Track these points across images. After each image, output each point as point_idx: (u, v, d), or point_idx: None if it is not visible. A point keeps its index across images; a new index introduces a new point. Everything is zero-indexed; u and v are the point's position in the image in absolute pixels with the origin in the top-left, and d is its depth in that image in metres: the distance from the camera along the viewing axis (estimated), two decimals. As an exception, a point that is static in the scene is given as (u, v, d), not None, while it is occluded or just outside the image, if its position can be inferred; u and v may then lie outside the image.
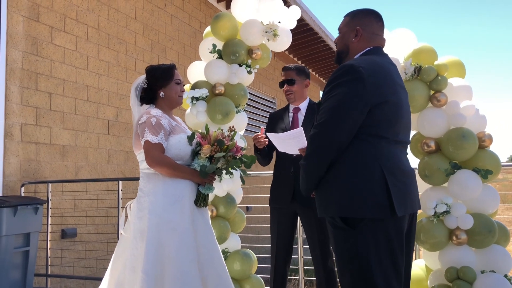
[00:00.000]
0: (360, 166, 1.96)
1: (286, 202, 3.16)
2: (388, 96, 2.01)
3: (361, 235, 1.93)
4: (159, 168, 2.49)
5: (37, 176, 4.77)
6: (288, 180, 3.15)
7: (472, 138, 2.94)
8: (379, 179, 1.93)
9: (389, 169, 1.96)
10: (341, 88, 1.98)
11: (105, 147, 5.69)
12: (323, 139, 1.99)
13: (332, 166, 2.00)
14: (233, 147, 2.53)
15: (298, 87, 3.32)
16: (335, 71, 2.05)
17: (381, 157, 1.97)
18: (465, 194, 2.94)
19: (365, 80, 1.95)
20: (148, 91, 2.69)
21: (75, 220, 5.18)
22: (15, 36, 4.65)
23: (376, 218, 1.91)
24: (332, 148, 1.97)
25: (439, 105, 3.06)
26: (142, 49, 6.47)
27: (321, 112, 2.02)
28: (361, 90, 1.95)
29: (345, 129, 1.96)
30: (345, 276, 1.99)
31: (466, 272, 2.82)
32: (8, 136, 4.53)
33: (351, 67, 2.00)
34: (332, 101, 1.99)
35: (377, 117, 1.98)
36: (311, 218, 3.11)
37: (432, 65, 3.07)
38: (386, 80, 2.04)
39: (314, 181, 2.07)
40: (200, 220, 2.54)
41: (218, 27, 3.56)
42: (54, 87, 5.05)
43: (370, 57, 2.11)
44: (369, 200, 1.92)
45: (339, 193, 1.97)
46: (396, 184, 1.95)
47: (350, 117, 1.95)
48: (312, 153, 2.04)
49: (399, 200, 1.93)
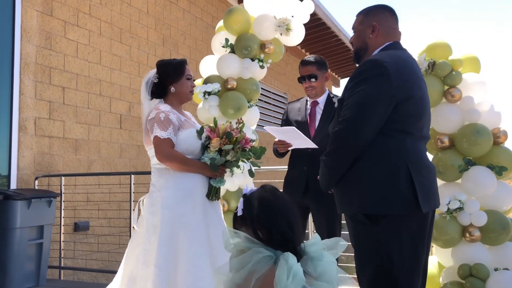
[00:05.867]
0: (385, 163, 1.93)
1: (298, 196, 3.14)
2: (413, 91, 1.99)
3: (383, 231, 1.91)
4: (169, 163, 2.49)
5: (51, 170, 4.82)
6: (301, 175, 3.13)
7: (487, 134, 2.90)
8: (404, 175, 1.91)
9: (414, 165, 1.94)
10: (366, 83, 1.95)
11: (117, 141, 5.73)
12: (348, 136, 1.95)
13: (356, 162, 1.97)
14: (241, 139, 2.53)
15: (320, 82, 3.20)
16: (359, 66, 2.03)
17: (406, 153, 1.95)
18: (479, 190, 2.90)
19: (390, 75, 1.93)
20: (159, 86, 2.69)
21: (87, 213, 5.23)
22: (29, 31, 4.69)
23: (401, 214, 1.90)
24: (357, 144, 1.94)
25: (453, 100, 3.02)
26: (154, 43, 6.48)
27: (345, 108, 1.98)
28: (387, 85, 1.93)
29: (371, 125, 1.93)
30: (366, 271, 1.97)
31: (479, 269, 2.79)
32: (22, 130, 4.58)
33: (376, 62, 1.97)
34: (357, 97, 1.95)
35: (403, 112, 1.95)
36: (321, 212, 3.10)
37: (446, 60, 3.04)
38: (410, 75, 2.02)
39: (335, 177, 2.03)
40: (212, 213, 2.55)
41: (230, 21, 3.55)
42: (67, 81, 5.08)
43: (392, 52, 2.08)
44: (394, 197, 1.90)
45: (363, 190, 1.95)
46: (420, 180, 1.93)
47: (376, 113, 1.92)
48: (336, 149, 2.01)
49: (424, 196, 1.92)
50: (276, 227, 1.53)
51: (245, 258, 1.49)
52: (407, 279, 1.90)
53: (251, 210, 1.59)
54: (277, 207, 1.58)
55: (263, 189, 1.65)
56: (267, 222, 1.55)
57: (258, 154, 2.59)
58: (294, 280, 1.41)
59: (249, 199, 1.62)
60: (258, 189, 1.66)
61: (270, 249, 1.50)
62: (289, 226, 1.55)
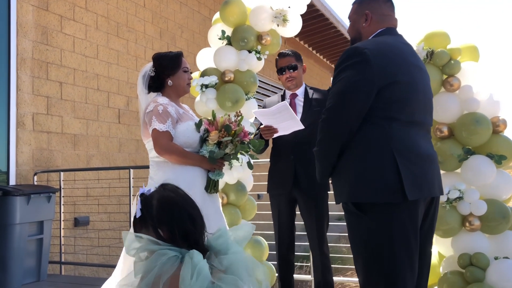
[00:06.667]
0: (370, 150, 1.93)
1: (287, 188, 3.13)
2: (398, 77, 1.96)
3: (373, 221, 1.90)
4: (168, 156, 2.48)
5: (49, 165, 4.81)
6: (288, 166, 3.12)
7: (486, 123, 2.89)
8: (389, 162, 1.89)
9: (401, 152, 1.91)
10: (347, 71, 1.96)
11: (116, 135, 5.72)
12: (332, 124, 1.97)
13: (344, 152, 1.98)
14: (240, 132, 2.52)
15: (299, 72, 3.27)
16: (341, 55, 2.03)
17: (391, 139, 1.92)
18: (479, 180, 2.89)
19: (370, 61, 1.91)
20: (156, 79, 2.67)
21: (87, 208, 5.23)
22: (25, 26, 4.66)
23: (387, 203, 1.88)
24: (342, 132, 1.95)
25: (452, 89, 3.01)
26: (151, 37, 6.45)
27: (329, 97, 2.00)
28: (367, 72, 1.92)
29: (354, 112, 1.93)
30: (358, 262, 1.97)
31: (480, 258, 2.79)
32: (20, 126, 4.56)
33: (356, 49, 1.98)
34: (338, 86, 1.97)
35: (387, 98, 1.93)
36: (310, 204, 3.09)
37: (445, 49, 3.02)
38: (395, 60, 1.99)
39: (327, 167, 2.04)
40: (211, 206, 2.54)
41: (227, 13, 3.52)
42: (65, 76, 5.06)
43: (379, 38, 2.08)
44: (378, 184, 1.88)
45: (350, 178, 1.95)
46: (408, 167, 1.89)
47: (358, 100, 1.92)
48: (323, 138, 2.02)
49: (412, 183, 1.88)
50: (177, 222, 1.51)
51: (150, 263, 1.45)
52: (399, 270, 1.88)
53: (151, 209, 1.56)
54: (176, 202, 1.57)
55: (162, 187, 1.64)
56: (168, 218, 1.52)
57: (257, 147, 2.59)
58: (199, 278, 1.38)
59: (147, 199, 1.59)
60: (157, 188, 1.64)
61: (175, 249, 1.48)
62: (190, 220, 1.53)
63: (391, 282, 1.88)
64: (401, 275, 1.88)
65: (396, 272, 1.88)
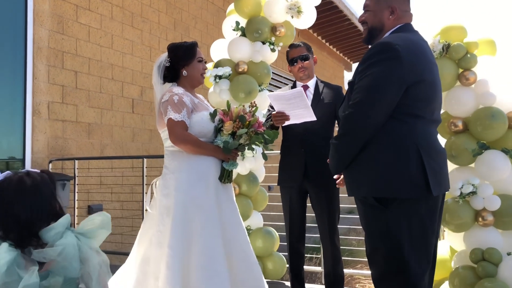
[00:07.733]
0: (396, 146, 1.92)
1: (298, 181, 3.14)
2: (424, 75, 1.97)
3: (393, 214, 1.91)
4: (183, 146, 2.50)
5: (64, 153, 4.87)
6: (299, 159, 3.12)
7: (502, 118, 2.86)
8: (415, 159, 1.90)
9: (425, 149, 1.93)
10: (377, 66, 1.92)
11: (129, 125, 5.77)
12: (358, 119, 1.95)
13: (367, 146, 1.96)
14: (255, 122, 2.53)
15: (311, 63, 3.23)
16: (371, 49, 2.00)
17: (417, 137, 1.94)
18: (493, 175, 2.87)
19: (402, 58, 1.90)
20: (171, 70, 2.68)
21: (101, 196, 5.30)
22: (41, 15, 4.70)
23: (411, 198, 1.90)
24: (368, 128, 1.93)
25: (468, 83, 2.98)
26: (165, 27, 6.46)
27: (356, 91, 1.97)
28: (398, 69, 1.90)
29: (382, 109, 1.91)
30: (376, 254, 1.98)
31: (492, 253, 2.78)
32: (36, 114, 4.62)
33: (388, 44, 1.94)
34: (368, 80, 1.93)
35: (414, 96, 1.93)
36: (322, 197, 3.09)
37: (461, 42, 2.99)
38: (421, 59, 1.99)
39: (346, 161, 2.03)
40: (224, 196, 2.56)
41: (241, 4, 3.52)
42: (80, 66, 5.11)
43: (404, 35, 2.04)
44: (405, 180, 1.89)
45: (373, 173, 1.94)
46: (431, 164, 1.92)
47: (387, 97, 1.90)
48: (346, 132, 2.00)
49: (435, 179, 1.91)
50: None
51: None
52: (417, 263, 1.90)
53: None
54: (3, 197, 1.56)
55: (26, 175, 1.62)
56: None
57: (272, 137, 2.59)
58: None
59: None
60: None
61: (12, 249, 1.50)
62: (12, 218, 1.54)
63: (408, 274, 1.90)
64: (418, 267, 1.90)
65: (415, 265, 1.89)
